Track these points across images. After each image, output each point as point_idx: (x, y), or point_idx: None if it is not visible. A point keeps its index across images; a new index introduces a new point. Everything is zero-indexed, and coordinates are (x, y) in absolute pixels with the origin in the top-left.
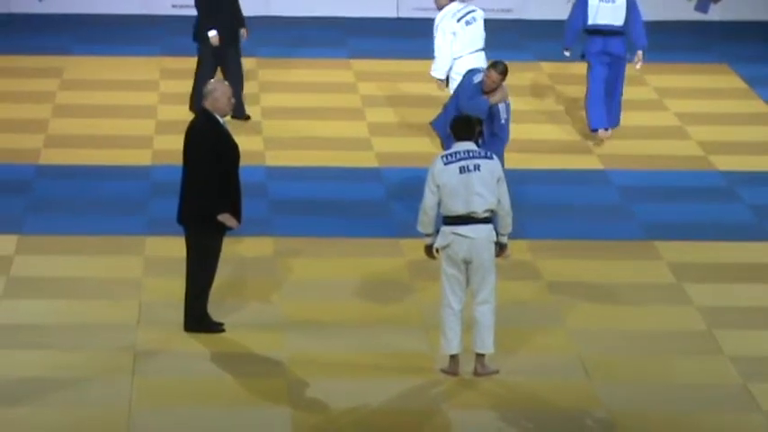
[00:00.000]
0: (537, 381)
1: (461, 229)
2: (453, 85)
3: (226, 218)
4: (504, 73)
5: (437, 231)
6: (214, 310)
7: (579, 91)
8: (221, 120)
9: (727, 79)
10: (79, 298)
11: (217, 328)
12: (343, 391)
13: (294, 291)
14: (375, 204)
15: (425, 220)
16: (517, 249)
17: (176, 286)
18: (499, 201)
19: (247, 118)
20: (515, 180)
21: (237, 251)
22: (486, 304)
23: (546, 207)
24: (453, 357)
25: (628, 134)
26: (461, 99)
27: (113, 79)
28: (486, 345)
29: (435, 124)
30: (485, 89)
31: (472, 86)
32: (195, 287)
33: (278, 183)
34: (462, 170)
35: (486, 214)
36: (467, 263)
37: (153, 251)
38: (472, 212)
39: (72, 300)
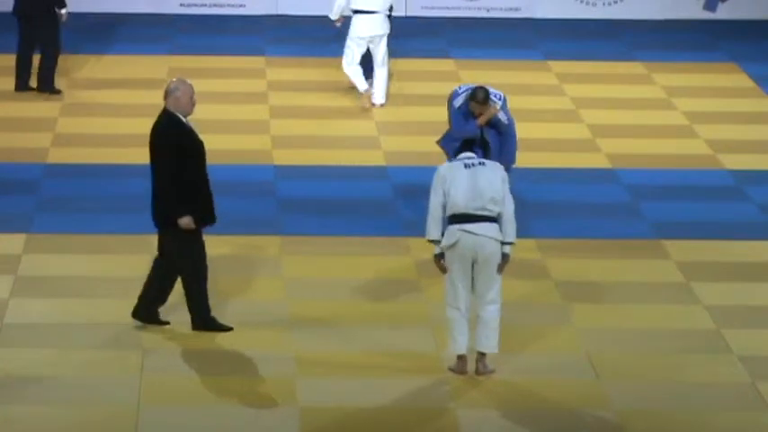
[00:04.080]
0: (545, 379)
1: (468, 227)
2: (352, 37)
3: (186, 221)
4: (484, 100)
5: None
6: (222, 309)
7: (587, 90)
8: (184, 119)
9: (735, 78)
10: (87, 296)
11: (223, 327)
12: (350, 389)
13: (301, 289)
14: (382, 203)
15: (432, 224)
16: (525, 248)
17: None
18: (504, 201)
19: (57, 92)
20: (523, 178)
21: (245, 250)
22: (493, 304)
23: (554, 206)
24: (461, 357)
25: (636, 133)
26: (453, 126)
27: (121, 78)
28: (492, 345)
29: (443, 143)
30: (473, 113)
31: (458, 112)
32: (191, 289)
33: (286, 182)
34: (467, 166)
35: (494, 208)
36: (473, 262)
37: None
38: (479, 204)
39: (80, 298)
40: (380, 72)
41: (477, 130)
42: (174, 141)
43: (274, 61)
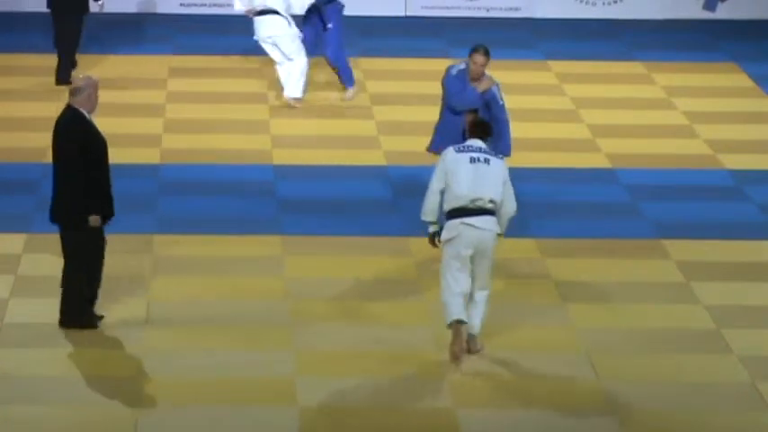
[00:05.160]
0: (545, 379)
1: (469, 220)
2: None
3: (94, 219)
4: (487, 53)
5: (441, 228)
6: (222, 309)
7: (587, 90)
8: (88, 116)
9: (735, 78)
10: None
11: (92, 323)
12: (350, 389)
13: (302, 289)
14: (383, 203)
15: (428, 207)
16: (525, 248)
17: (185, 285)
18: (503, 202)
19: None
20: (523, 178)
21: (245, 250)
22: (484, 290)
23: (554, 205)
24: (457, 331)
25: (636, 133)
26: (450, 97)
27: (122, 78)
28: (477, 325)
29: (433, 148)
30: (472, 76)
31: (455, 79)
32: (71, 287)
33: (286, 181)
34: (473, 161)
35: (491, 206)
36: (472, 254)
37: (161, 250)
38: (478, 198)
39: None
40: (281, 69)
41: (478, 98)
42: (80, 138)
43: (273, 61)
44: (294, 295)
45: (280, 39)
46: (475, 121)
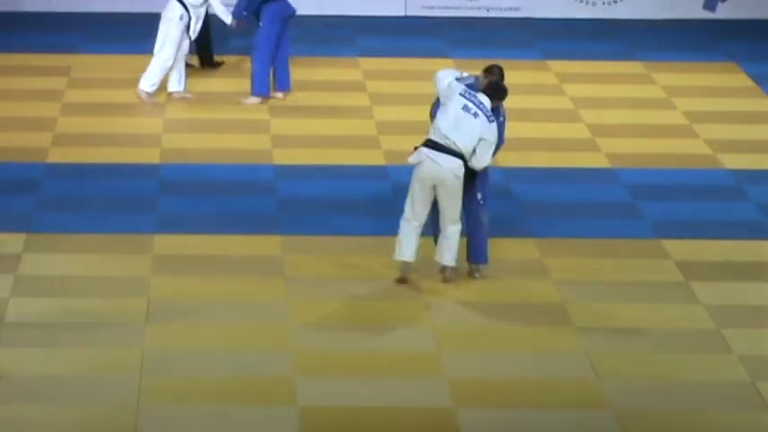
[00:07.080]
0: (544, 379)
1: (434, 154)
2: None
3: None
4: (502, 77)
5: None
6: (222, 309)
7: (587, 90)
8: None
9: (735, 78)
10: (87, 296)
11: None
12: (350, 389)
13: (301, 289)
14: (383, 202)
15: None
16: (525, 248)
17: (185, 284)
18: (475, 154)
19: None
20: (523, 178)
21: (245, 250)
22: (454, 225)
23: (553, 205)
24: (405, 264)
25: (636, 132)
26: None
27: (121, 77)
28: (450, 258)
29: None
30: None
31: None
32: None
33: (286, 181)
34: (465, 108)
35: (458, 151)
36: (434, 185)
37: (161, 249)
38: (451, 141)
39: (80, 298)
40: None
41: None
42: None
43: None
44: (294, 295)
45: (161, 22)
46: (492, 83)
